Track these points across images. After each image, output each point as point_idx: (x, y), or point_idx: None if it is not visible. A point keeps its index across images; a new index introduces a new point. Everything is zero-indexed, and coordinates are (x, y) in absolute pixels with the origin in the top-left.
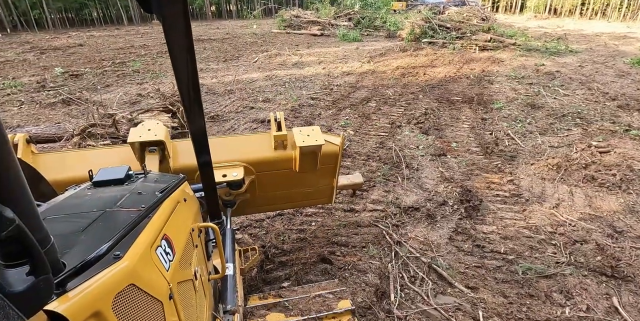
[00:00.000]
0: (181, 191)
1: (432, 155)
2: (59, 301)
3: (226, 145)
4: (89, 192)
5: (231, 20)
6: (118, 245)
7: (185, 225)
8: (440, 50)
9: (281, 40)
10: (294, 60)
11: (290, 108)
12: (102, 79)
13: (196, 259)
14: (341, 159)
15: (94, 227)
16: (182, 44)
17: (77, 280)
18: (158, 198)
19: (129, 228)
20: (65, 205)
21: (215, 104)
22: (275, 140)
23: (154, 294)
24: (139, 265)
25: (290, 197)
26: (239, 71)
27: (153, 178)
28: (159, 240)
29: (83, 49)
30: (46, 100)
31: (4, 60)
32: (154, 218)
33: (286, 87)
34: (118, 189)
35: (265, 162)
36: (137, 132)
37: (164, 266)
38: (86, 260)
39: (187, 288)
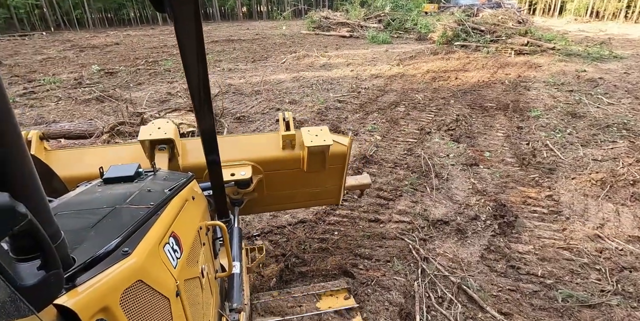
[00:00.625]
0: (189, 189)
1: (463, 164)
2: (68, 295)
3: (235, 144)
4: (99, 189)
5: (261, 21)
6: (127, 241)
7: (193, 223)
8: (473, 54)
9: (310, 41)
10: (322, 62)
11: (317, 110)
12: (135, 77)
13: (203, 257)
14: (349, 159)
15: (103, 223)
16: (193, 44)
17: (86, 275)
18: (167, 196)
19: (138, 225)
20: (76, 201)
21: (242, 105)
22: (284, 139)
23: (161, 291)
24: (147, 262)
25: (298, 196)
26: (267, 72)
27: (162, 176)
28: (167, 238)
29: (119, 48)
30: (82, 97)
31: (47, 58)
32: (162, 215)
33: (313, 88)
34: (128, 186)
35: (273, 161)
36: (147, 130)
37: (171, 264)
38: (95, 256)
39: (193, 285)
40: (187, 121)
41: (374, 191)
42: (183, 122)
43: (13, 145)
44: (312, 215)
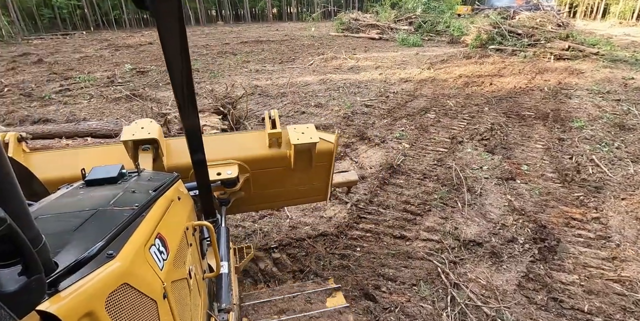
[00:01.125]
0: (175, 189)
1: (498, 178)
2: (51, 301)
3: (221, 143)
4: (81, 191)
5: (291, 22)
6: (111, 244)
7: (179, 223)
8: (509, 58)
9: (338, 43)
10: (349, 64)
11: (343, 115)
12: (165, 77)
13: (190, 258)
14: (335, 157)
15: (86, 226)
16: (176, 40)
17: (69, 280)
18: (152, 197)
19: (122, 227)
20: (57, 204)
21: (267, 107)
22: (270, 138)
23: (147, 293)
24: (133, 264)
25: (285, 194)
26: (294, 74)
27: (146, 176)
28: (152, 239)
29: (152, 47)
30: (112, 95)
31: (84, 56)
32: (147, 216)
33: (340, 92)
34: (111, 188)
35: (260, 159)
36: (130, 130)
37: (157, 265)
38: (79, 260)
39: (181, 287)
40: (211, 123)
41: (400, 204)
42: (207, 124)
43: None
44: (333, 228)
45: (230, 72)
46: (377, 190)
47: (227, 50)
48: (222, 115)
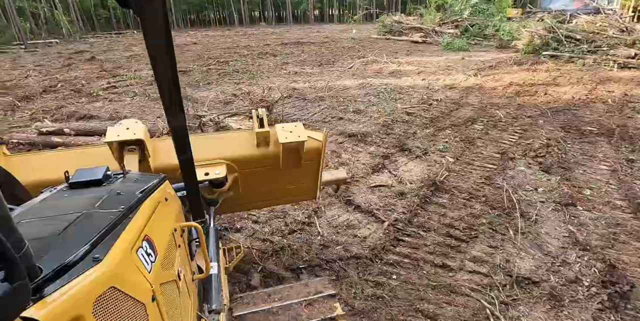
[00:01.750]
0: (162, 191)
1: (556, 203)
2: (36, 307)
3: (208, 143)
4: (65, 194)
5: (332, 24)
6: (97, 247)
7: (166, 225)
8: (565, 66)
9: (379, 46)
10: (391, 69)
11: (382, 123)
12: (206, 77)
13: (179, 259)
14: (324, 155)
15: (71, 229)
16: (162, 39)
17: (54, 285)
18: (138, 199)
19: (109, 229)
20: (40, 208)
21: (304, 111)
22: (258, 137)
23: (136, 296)
24: (120, 268)
25: (274, 194)
26: (333, 77)
27: (132, 178)
28: (140, 241)
29: (196, 47)
30: (154, 94)
31: (133, 55)
32: (134, 219)
33: (380, 97)
34: (96, 190)
35: (248, 159)
36: (114, 131)
37: (145, 268)
38: (64, 264)
39: (170, 289)
40: (245, 127)
41: (443, 227)
42: (241, 128)
43: None
44: (367, 250)
45: (269, 73)
46: (417, 209)
47: (267, 51)
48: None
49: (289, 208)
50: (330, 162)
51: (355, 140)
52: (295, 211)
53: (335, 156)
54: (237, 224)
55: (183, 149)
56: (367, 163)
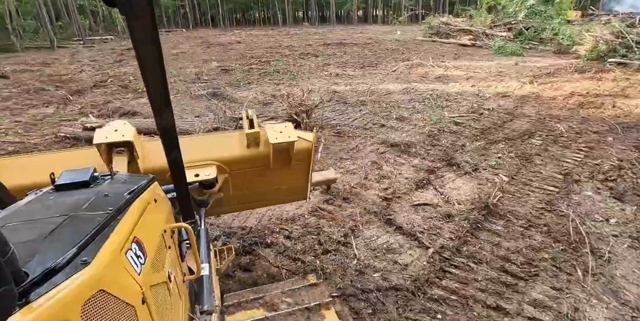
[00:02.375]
0: (151, 192)
1: (633, 238)
2: (22, 312)
3: (198, 144)
4: (51, 197)
5: (375, 25)
6: (85, 250)
7: (156, 226)
8: (635, 75)
9: (425, 48)
10: (437, 73)
11: (427, 132)
12: (247, 76)
13: (169, 261)
14: (314, 155)
15: (58, 232)
16: (148, 39)
17: (41, 289)
18: (126, 200)
19: (97, 232)
20: (25, 211)
21: (344, 115)
22: (248, 138)
23: (125, 299)
24: (109, 270)
25: (265, 194)
26: (375, 80)
27: (120, 179)
28: (129, 243)
29: (240, 46)
30: (196, 92)
31: (180, 52)
32: (122, 220)
33: (425, 104)
34: (83, 192)
35: (238, 160)
36: (103, 133)
37: (135, 270)
38: (50, 268)
39: (160, 291)
40: None
41: (496, 260)
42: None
43: None
44: (409, 281)
45: (310, 74)
46: (466, 235)
47: (309, 52)
48: (295, 124)
49: (324, 224)
50: (371, 174)
51: (398, 151)
52: (331, 227)
53: (376, 168)
54: (267, 238)
55: (172, 150)
56: (411, 178)
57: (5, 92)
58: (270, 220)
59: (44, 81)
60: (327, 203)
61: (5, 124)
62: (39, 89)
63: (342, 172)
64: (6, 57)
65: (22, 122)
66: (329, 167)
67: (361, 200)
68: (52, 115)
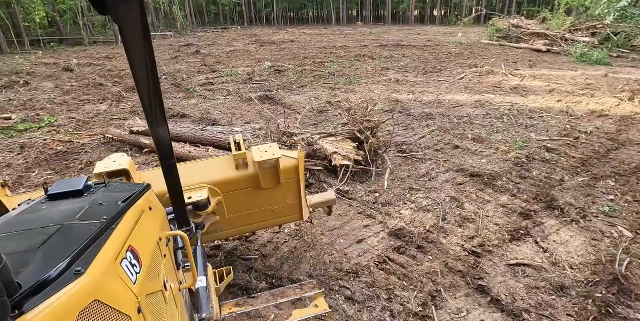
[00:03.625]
0: (146, 200)
1: None
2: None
3: (189, 170)
4: (44, 206)
5: (433, 26)
6: (79, 260)
7: (151, 235)
8: None
9: (493, 53)
10: (512, 83)
11: (513, 159)
12: (300, 78)
13: (165, 269)
14: (304, 173)
15: (51, 242)
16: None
17: (35, 301)
18: (121, 209)
19: (91, 241)
20: (17, 221)
21: (408, 131)
22: (236, 159)
23: (121, 309)
24: (103, 280)
25: (261, 216)
26: (441, 89)
27: (114, 187)
28: (124, 252)
29: (293, 45)
30: (247, 94)
31: (233, 50)
32: (117, 229)
33: (505, 121)
34: (77, 201)
35: (229, 182)
36: (102, 164)
37: (130, 279)
38: (44, 279)
39: (157, 300)
40: (343, 151)
41: None
42: (337, 151)
43: None
44: None
45: (367, 79)
46: None
47: (365, 54)
48: (358, 143)
49: (396, 284)
50: (450, 214)
51: (480, 183)
52: (405, 290)
53: (456, 206)
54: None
55: (166, 155)
56: (502, 224)
57: (67, 85)
58: (327, 269)
59: (103, 76)
60: (397, 253)
61: (61, 120)
62: (97, 84)
63: (413, 209)
64: (75, 51)
65: (76, 119)
66: (398, 202)
67: (441, 252)
68: (104, 113)
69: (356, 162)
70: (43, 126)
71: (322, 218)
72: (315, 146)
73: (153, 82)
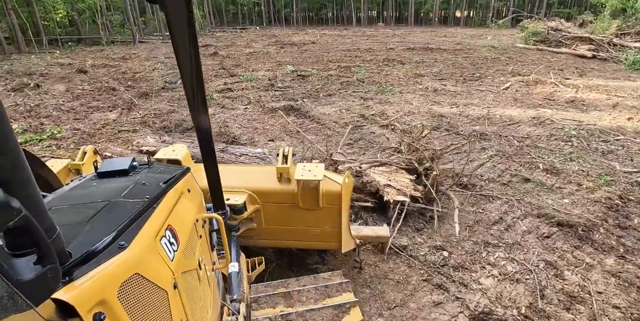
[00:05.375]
0: (185, 182)
1: None
2: (65, 290)
3: (232, 172)
4: (93, 183)
5: (457, 28)
6: (123, 235)
7: (189, 215)
8: None
9: (532, 59)
10: (567, 95)
11: (604, 200)
12: (326, 85)
13: (200, 249)
14: (349, 201)
15: (99, 217)
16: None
17: (83, 269)
18: (162, 189)
19: (134, 218)
20: (70, 195)
21: (462, 155)
22: (278, 172)
23: (158, 283)
24: (144, 255)
25: (297, 234)
26: (486, 100)
27: (157, 169)
28: (163, 231)
29: (314, 47)
30: (269, 104)
31: (252, 51)
32: (158, 208)
33: (574, 145)
34: (123, 180)
35: (268, 192)
36: (163, 151)
37: (168, 256)
38: (92, 250)
39: (191, 277)
40: (397, 183)
41: None
42: (390, 184)
43: (4, 142)
44: None
45: (401, 87)
46: None
47: (393, 58)
48: (416, 175)
49: None
50: (548, 287)
51: (572, 236)
52: None
53: (553, 274)
54: None
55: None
56: (623, 306)
57: (79, 88)
58: None
59: (117, 79)
60: None
61: (64, 131)
62: (109, 89)
63: (496, 276)
64: (91, 51)
65: (80, 131)
66: (473, 264)
67: None
68: (112, 123)
69: (413, 199)
70: (45, 138)
71: (375, 281)
72: (365, 177)
73: (196, 68)
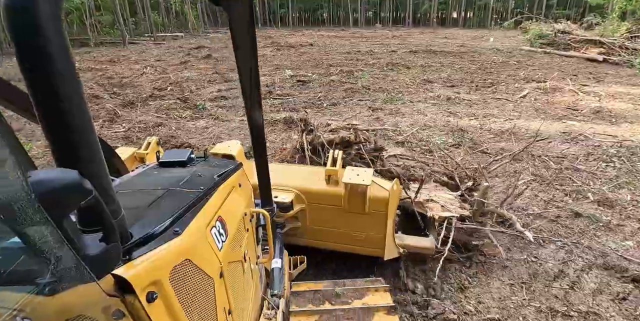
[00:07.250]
0: (237, 176)
1: None
2: (125, 267)
3: (282, 171)
4: (155, 171)
5: (456, 29)
6: (178, 222)
7: (238, 208)
8: None
9: (542, 63)
10: (591, 105)
11: None
12: (329, 92)
13: (246, 242)
14: (395, 209)
15: (158, 203)
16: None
17: (141, 250)
18: (215, 182)
19: (188, 207)
20: (135, 181)
21: (495, 180)
22: (327, 174)
23: (206, 271)
24: (195, 243)
25: (341, 237)
26: (506, 111)
27: (212, 162)
28: (214, 221)
29: (312, 49)
30: (269, 114)
31: None
32: (210, 200)
33: (617, 167)
34: (181, 170)
35: (315, 193)
36: (219, 146)
37: (217, 246)
38: (150, 233)
39: (236, 268)
40: (442, 199)
41: None
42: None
43: (82, 131)
44: None
45: (411, 95)
46: None
47: (396, 61)
48: (460, 192)
49: None
50: None
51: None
52: None
53: None
54: None
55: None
56: None
57: None
58: None
59: (102, 84)
60: None
61: (35, 149)
62: (92, 96)
63: None
64: (78, 53)
65: None
66: None
67: None
68: None
69: (460, 219)
70: None
71: None
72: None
73: (254, 67)
